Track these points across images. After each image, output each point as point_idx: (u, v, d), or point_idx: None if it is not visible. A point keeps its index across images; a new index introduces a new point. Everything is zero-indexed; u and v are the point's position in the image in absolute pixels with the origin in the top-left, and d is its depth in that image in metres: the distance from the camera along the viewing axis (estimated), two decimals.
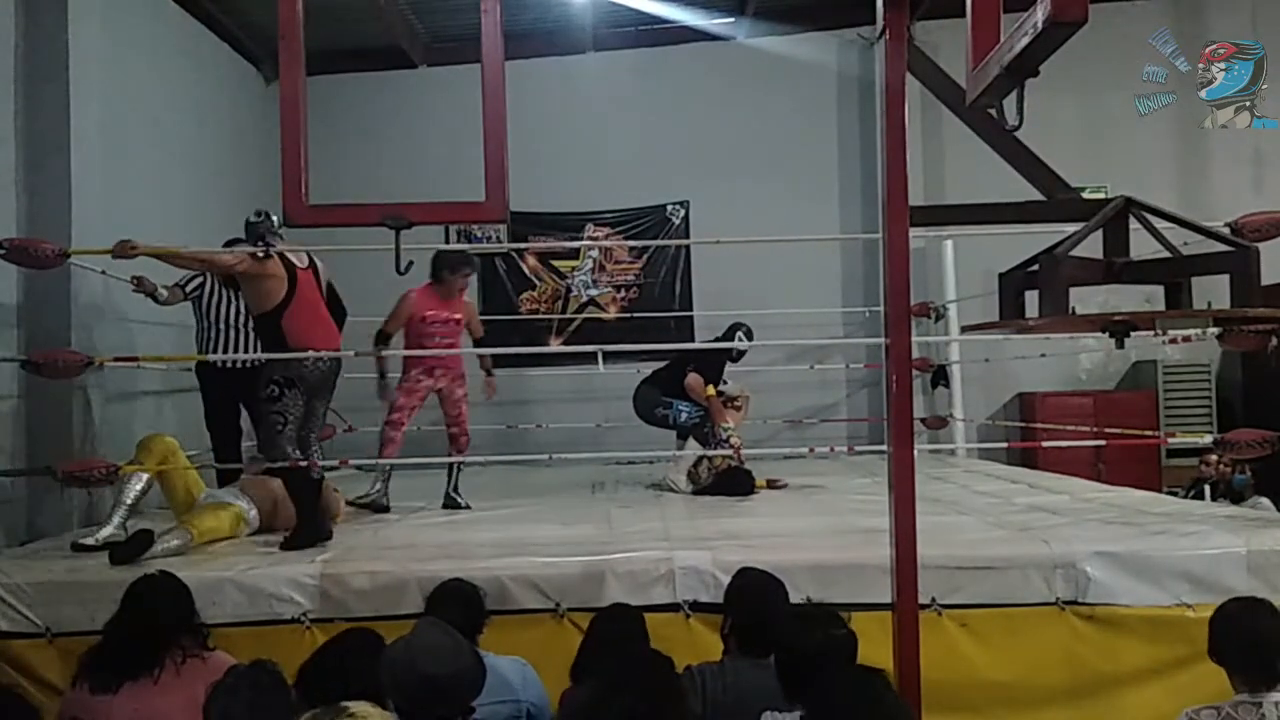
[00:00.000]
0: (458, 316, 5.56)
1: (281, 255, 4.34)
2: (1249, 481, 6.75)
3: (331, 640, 2.63)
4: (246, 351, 5.30)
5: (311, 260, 4.55)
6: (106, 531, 4.24)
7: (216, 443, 5.41)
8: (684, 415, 6.22)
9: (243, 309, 5.29)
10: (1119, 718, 3.51)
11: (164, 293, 5.23)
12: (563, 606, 3.60)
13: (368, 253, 5.06)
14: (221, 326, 5.35)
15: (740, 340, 6.20)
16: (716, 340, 6.36)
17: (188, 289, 5.35)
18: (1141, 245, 3.03)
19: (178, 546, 3.99)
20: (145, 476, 4.43)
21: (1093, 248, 3.01)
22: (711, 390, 6.11)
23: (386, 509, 5.32)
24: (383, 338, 5.42)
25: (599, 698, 2.13)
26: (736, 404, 6.26)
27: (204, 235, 6.88)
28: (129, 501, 4.37)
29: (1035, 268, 2.95)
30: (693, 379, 6.16)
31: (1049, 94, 5.04)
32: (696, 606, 3.59)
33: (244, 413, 5.51)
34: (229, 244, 4.91)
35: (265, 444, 4.40)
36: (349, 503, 5.23)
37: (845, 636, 2.55)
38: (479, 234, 8.67)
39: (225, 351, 5.34)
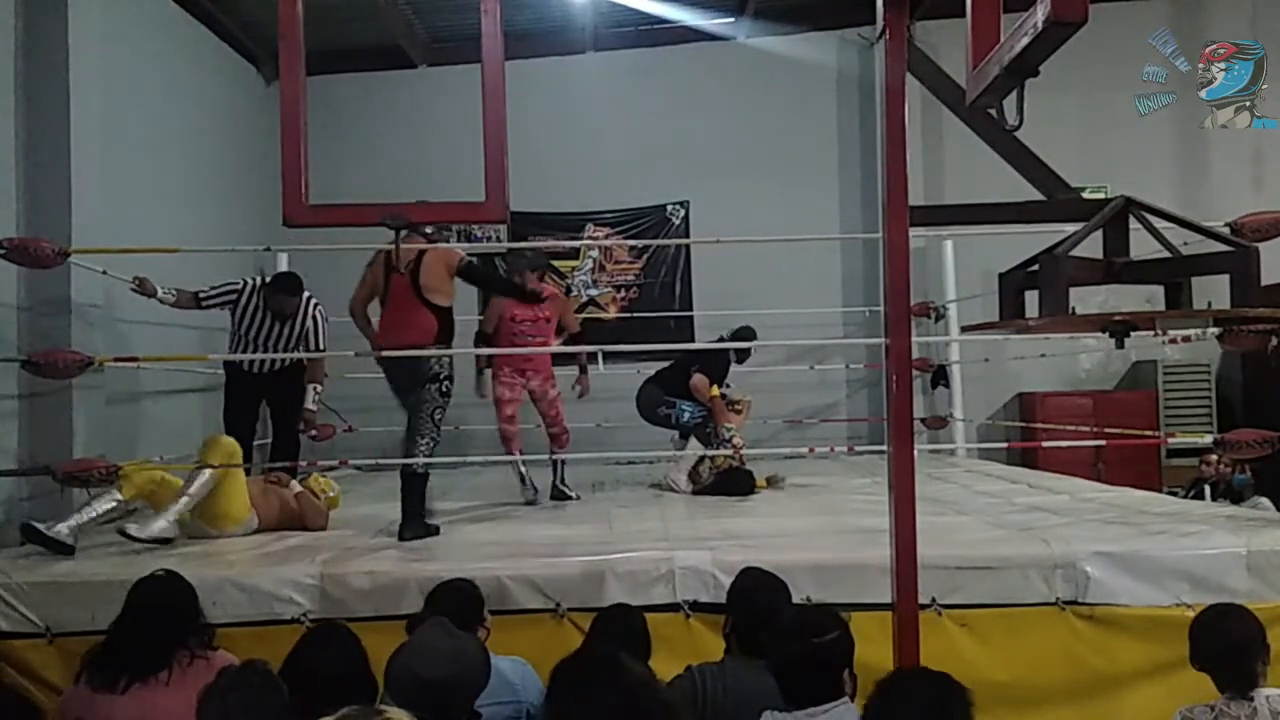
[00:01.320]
0: (545, 315, 5.66)
1: (388, 261, 4.56)
2: (1249, 481, 6.75)
3: (300, 639, 2.62)
4: (275, 364, 5.47)
5: (418, 265, 4.55)
6: (160, 525, 4.13)
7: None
8: (687, 415, 6.23)
9: (277, 334, 5.38)
10: (1119, 718, 3.51)
11: (170, 296, 5.24)
12: (563, 606, 3.60)
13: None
14: (250, 338, 5.39)
15: (747, 342, 6.25)
16: (721, 342, 6.38)
17: (209, 301, 5.37)
18: (1141, 245, 3.03)
19: (108, 511, 4.16)
20: (208, 473, 4.32)
21: (1093, 248, 3.01)
22: (716, 391, 6.13)
23: (534, 502, 5.47)
24: (483, 338, 5.66)
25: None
26: (737, 408, 6.27)
27: (204, 235, 6.92)
28: (190, 494, 4.27)
29: (1035, 268, 2.95)
30: (698, 379, 6.19)
31: (1049, 94, 5.02)
32: (696, 606, 3.59)
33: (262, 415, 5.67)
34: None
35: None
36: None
37: (832, 643, 2.44)
38: (479, 234, 8.67)
39: (254, 363, 5.45)
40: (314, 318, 5.45)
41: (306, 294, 5.49)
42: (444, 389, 4.56)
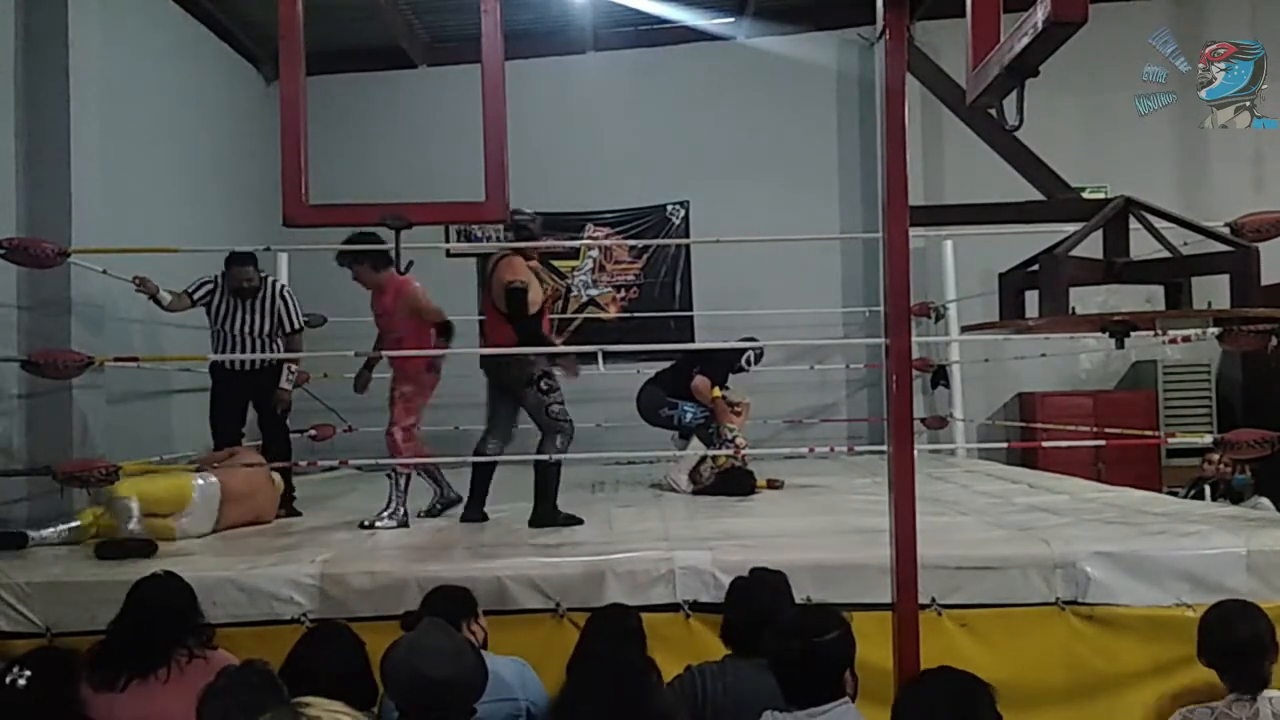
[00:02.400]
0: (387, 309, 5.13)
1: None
2: (1249, 481, 6.73)
3: (301, 639, 2.63)
4: (257, 361, 5.38)
5: (493, 276, 4.99)
6: (129, 527, 4.16)
7: (218, 440, 5.45)
8: (689, 416, 6.25)
9: (250, 320, 5.32)
10: (1119, 718, 3.50)
11: (167, 296, 5.25)
12: (563, 606, 3.59)
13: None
14: (227, 332, 5.36)
15: (751, 355, 6.30)
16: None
17: (195, 296, 5.36)
18: (1141, 245, 3.03)
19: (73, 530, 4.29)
20: (135, 505, 4.26)
21: (1093, 248, 3.01)
22: (717, 392, 6.15)
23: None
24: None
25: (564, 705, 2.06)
26: (737, 410, 6.27)
27: (204, 235, 6.91)
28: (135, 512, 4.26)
29: (1035, 268, 2.95)
30: (700, 381, 6.22)
31: (1049, 94, 5.04)
32: (696, 606, 3.59)
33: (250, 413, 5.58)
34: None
35: None
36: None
37: (833, 642, 2.43)
38: (479, 234, 8.67)
39: (235, 361, 5.38)
40: (283, 298, 5.39)
41: (272, 278, 5.46)
42: (543, 386, 4.78)
